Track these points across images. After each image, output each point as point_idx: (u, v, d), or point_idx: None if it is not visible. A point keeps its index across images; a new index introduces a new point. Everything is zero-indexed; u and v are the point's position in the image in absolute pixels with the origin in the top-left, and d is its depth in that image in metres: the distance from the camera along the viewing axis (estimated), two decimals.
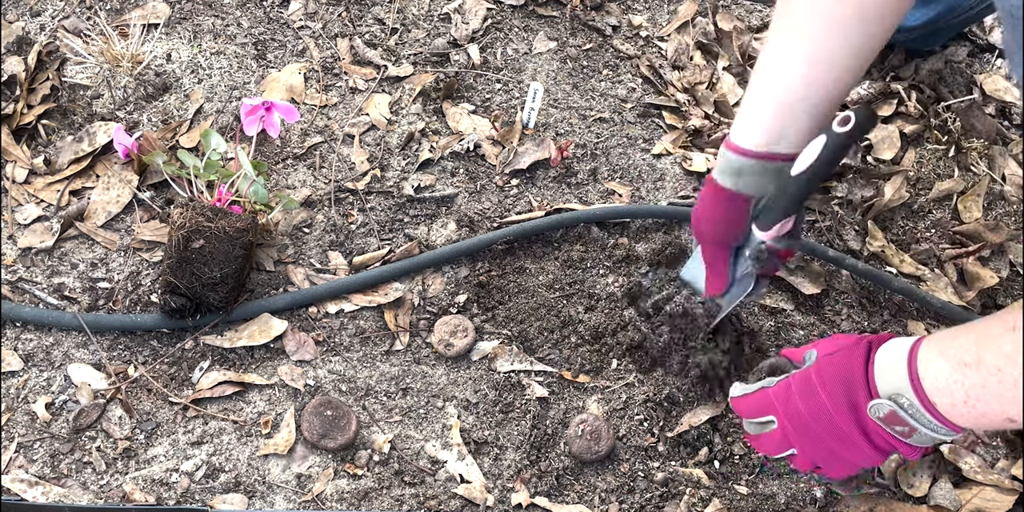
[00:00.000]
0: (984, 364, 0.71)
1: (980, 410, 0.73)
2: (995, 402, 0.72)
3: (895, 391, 0.78)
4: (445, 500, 1.12)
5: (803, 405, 0.85)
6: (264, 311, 1.20)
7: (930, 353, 0.77)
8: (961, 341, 0.74)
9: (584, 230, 1.30)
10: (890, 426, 0.80)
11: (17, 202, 1.27)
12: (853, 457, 0.85)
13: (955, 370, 0.73)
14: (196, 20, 1.44)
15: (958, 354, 0.73)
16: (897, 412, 0.78)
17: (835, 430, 0.84)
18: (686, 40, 1.53)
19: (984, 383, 0.71)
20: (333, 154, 1.34)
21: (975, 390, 0.72)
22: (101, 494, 1.09)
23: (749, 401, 0.93)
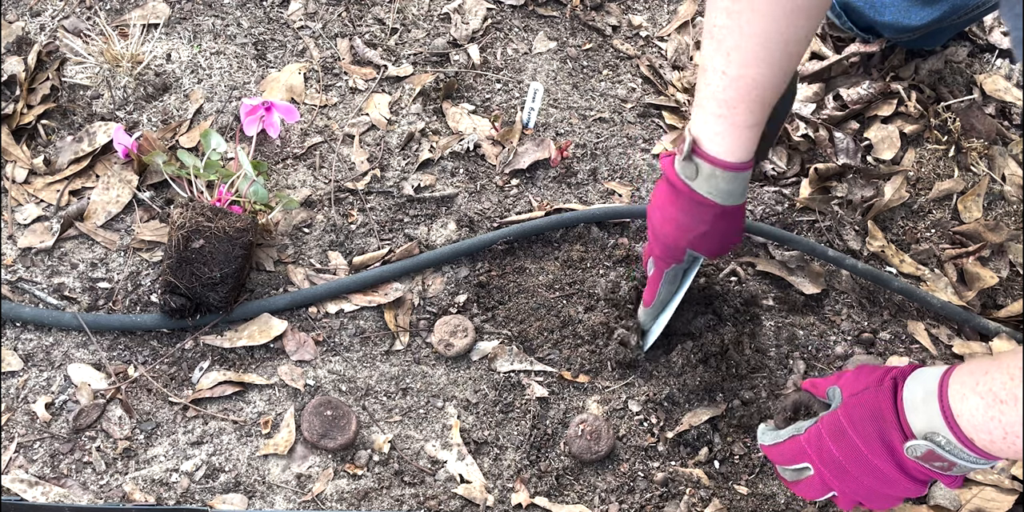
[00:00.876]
0: (1021, 401, 0.70)
1: (1019, 445, 0.72)
2: None
3: (930, 430, 0.77)
4: (445, 500, 1.12)
5: (837, 450, 0.85)
6: (264, 311, 1.20)
7: (963, 388, 0.75)
8: (994, 376, 0.73)
9: (584, 230, 1.30)
10: (929, 463, 0.79)
11: (17, 202, 1.27)
12: (894, 492, 0.85)
13: (991, 407, 0.72)
14: (196, 20, 1.44)
15: (992, 390, 0.72)
16: (935, 450, 0.77)
17: (874, 471, 0.83)
18: (686, 40, 1.53)
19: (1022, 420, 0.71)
20: (333, 154, 1.34)
21: (1013, 426, 0.71)
22: (101, 494, 1.09)
23: (782, 449, 0.92)
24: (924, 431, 0.78)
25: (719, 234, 1.00)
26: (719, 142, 0.94)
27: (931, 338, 1.28)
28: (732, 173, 0.94)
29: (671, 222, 1.00)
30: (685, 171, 0.97)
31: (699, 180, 0.96)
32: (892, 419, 0.80)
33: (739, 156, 0.94)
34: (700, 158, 0.95)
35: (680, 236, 1.00)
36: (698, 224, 0.99)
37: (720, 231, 1.00)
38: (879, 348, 1.26)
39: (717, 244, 1.02)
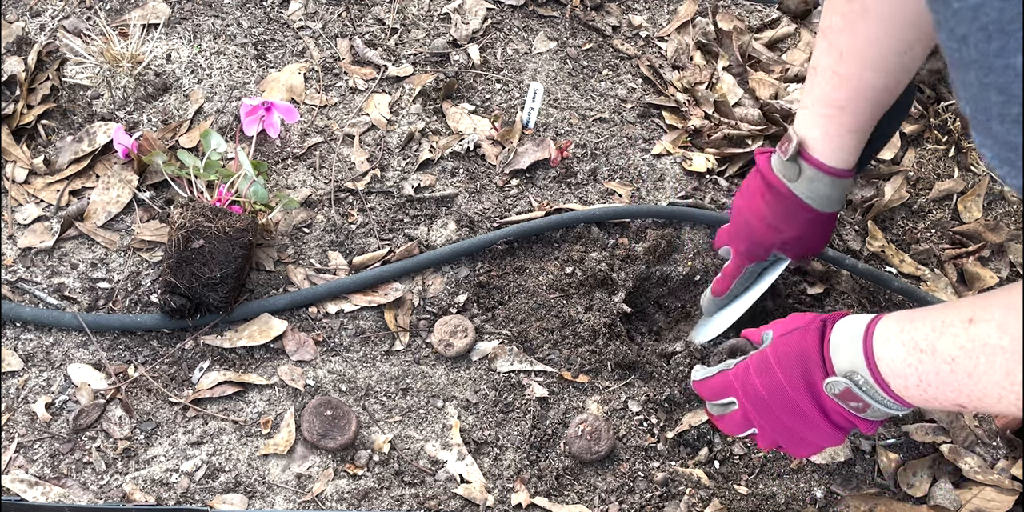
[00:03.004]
0: (939, 353, 0.72)
1: (931, 394, 0.75)
2: (947, 389, 0.74)
3: (850, 369, 0.80)
4: (445, 500, 1.12)
5: (761, 384, 0.87)
6: (264, 311, 1.20)
7: (887, 333, 0.78)
8: (918, 326, 0.75)
9: (584, 230, 1.30)
10: (845, 402, 0.82)
11: (17, 202, 1.27)
12: (812, 435, 0.87)
13: (910, 355, 0.75)
14: (196, 20, 1.44)
15: (915, 339, 0.75)
16: (852, 389, 0.80)
17: (793, 407, 0.85)
18: (686, 40, 1.53)
19: (938, 370, 0.73)
20: (333, 154, 1.34)
21: (928, 376, 0.74)
22: (101, 494, 1.09)
23: (711, 384, 0.95)
24: (845, 370, 0.80)
25: (810, 239, 0.99)
26: (825, 145, 0.93)
27: None
28: (834, 178, 0.93)
29: (762, 221, 0.99)
30: (786, 172, 0.96)
31: (799, 182, 0.95)
32: (816, 357, 0.83)
33: (843, 161, 0.93)
34: (804, 160, 0.94)
35: (770, 236, 1.00)
36: (791, 227, 0.98)
37: (811, 236, 0.99)
38: None
39: (805, 248, 1.01)
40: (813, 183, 0.95)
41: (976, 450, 1.19)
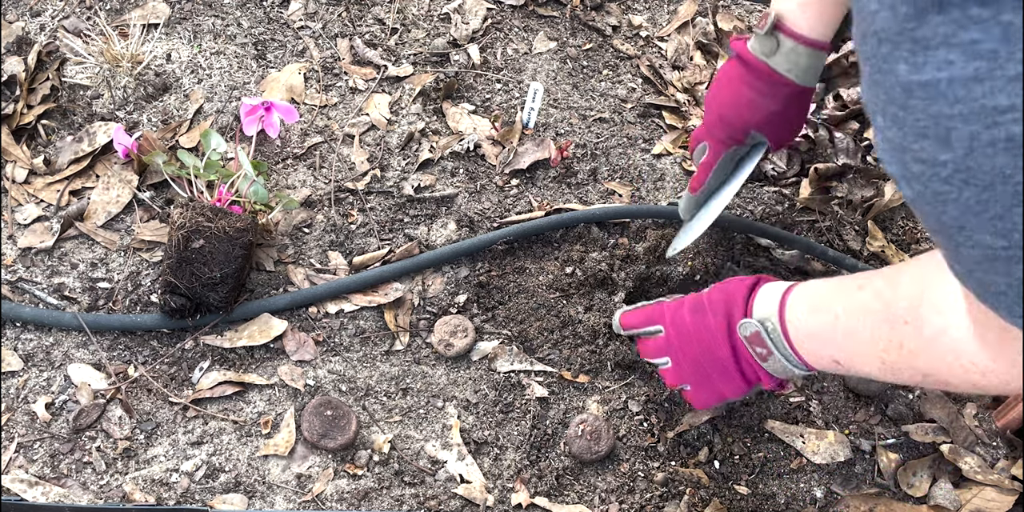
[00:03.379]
0: (830, 311, 0.83)
1: (816, 347, 0.86)
2: (829, 345, 0.84)
3: (765, 316, 0.90)
4: (445, 500, 1.12)
5: (689, 317, 0.97)
6: (264, 311, 1.20)
7: (802, 293, 0.89)
8: (822, 288, 0.87)
9: (584, 230, 1.30)
10: (752, 346, 0.91)
11: (17, 202, 1.27)
12: (718, 376, 0.96)
13: (809, 311, 0.86)
14: (196, 20, 1.44)
15: (815, 298, 0.86)
16: (761, 333, 0.90)
17: (709, 343, 0.95)
18: (686, 40, 1.53)
19: (825, 326, 0.84)
20: (333, 154, 1.34)
21: (818, 330, 0.85)
22: (101, 494, 1.09)
23: (644, 311, 1.05)
24: (760, 317, 0.91)
25: (789, 116, 1.01)
26: (802, 16, 0.95)
27: None
28: (812, 49, 0.95)
29: (741, 99, 1.01)
30: (763, 48, 0.97)
31: (778, 56, 0.97)
32: (741, 303, 0.93)
33: (821, 33, 0.95)
34: (782, 33, 0.96)
35: (750, 115, 1.01)
36: (770, 102, 0.99)
37: (790, 113, 1.00)
38: None
39: (784, 127, 1.02)
40: (791, 55, 0.96)
41: (976, 450, 1.19)
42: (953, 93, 0.43)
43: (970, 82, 0.42)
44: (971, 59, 0.41)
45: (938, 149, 0.45)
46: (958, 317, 0.66)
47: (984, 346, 0.65)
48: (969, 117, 0.43)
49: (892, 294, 0.75)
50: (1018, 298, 0.49)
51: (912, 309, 0.72)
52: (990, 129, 0.42)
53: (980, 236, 0.47)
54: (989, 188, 0.45)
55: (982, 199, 0.45)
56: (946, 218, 0.49)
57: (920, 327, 0.71)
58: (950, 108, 0.43)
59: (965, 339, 0.66)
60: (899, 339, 0.74)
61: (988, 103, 0.42)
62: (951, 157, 0.45)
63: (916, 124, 0.46)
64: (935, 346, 0.70)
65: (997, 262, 0.48)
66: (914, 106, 0.45)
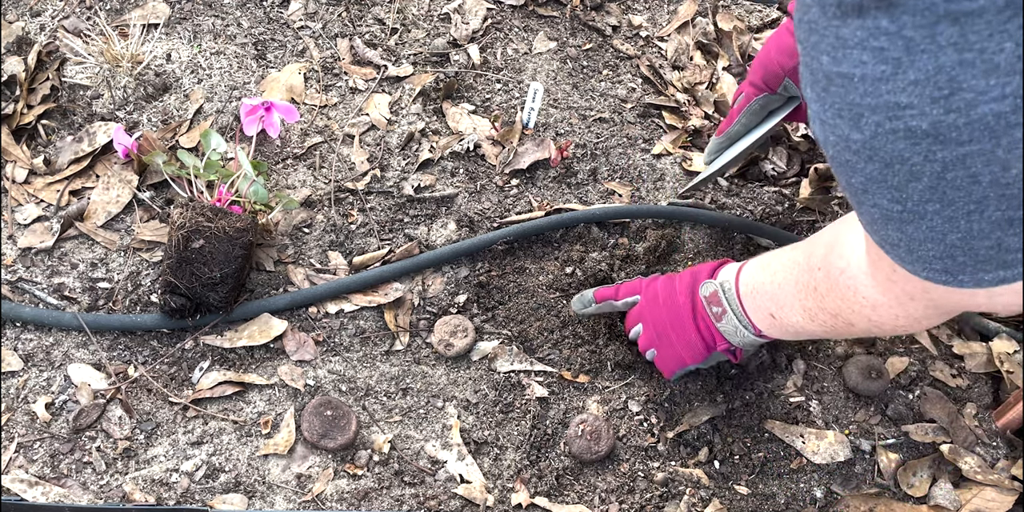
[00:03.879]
0: (768, 268, 0.95)
1: (757, 302, 0.97)
2: (766, 298, 0.95)
3: (724, 279, 1.01)
4: (445, 500, 1.12)
5: (661, 287, 1.08)
6: (264, 311, 1.20)
7: (754, 259, 1.00)
8: (770, 252, 0.98)
9: (584, 230, 1.30)
10: (710, 305, 1.02)
11: (17, 202, 1.27)
12: (678, 340, 1.05)
13: (756, 270, 0.98)
14: (196, 20, 1.44)
15: (763, 260, 0.98)
16: (718, 292, 1.01)
17: (674, 304, 1.05)
18: (686, 40, 1.53)
19: (763, 281, 0.95)
20: (333, 154, 1.34)
21: (758, 286, 0.96)
22: (101, 494, 1.09)
23: (624, 285, 1.14)
24: (720, 280, 1.02)
25: None
26: None
27: (931, 338, 1.28)
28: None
29: (780, 44, 1.06)
30: None
31: None
32: (707, 272, 1.04)
33: None
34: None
35: (785, 59, 1.05)
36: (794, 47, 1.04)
37: None
38: (879, 348, 1.26)
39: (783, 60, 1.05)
40: None
41: (976, 450, 1.19)
42: (864, 88, 0.50)
43: (878, 81, 0.49)
44: (879, 63, 0.48)
45: (850, 129, 0.53)
46: (857, 259, 0.77)
47: (876, 283, 0.75)
48: (876, 108, 0.50)
49: (812, 247, 0.87)
50: (909, 250, 0.59)
51: (824, 256, 0.83)
52: (892, 121, 0.50)
53: (880, 200, 0.57)
54: (889, 166, 0.53)
55: (884, 173, 0.54)
56: (854, 181, 0.58)
57: (828, 270, 0.82)
58: (861, 99, 0.51)
59: (860, 277, 0.77)
60: (813, 284, 0.85)
61: (892, 99, 0.49)
62: (860, 137, 0.53)
63: (834, 106, 0.53)
64: (837, 285, 0.81)
65: (891, 222, 0.58)
66: (833, 92, 0.53)
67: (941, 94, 0.47)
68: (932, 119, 0.48)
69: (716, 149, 1.19)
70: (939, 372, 1.25)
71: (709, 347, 1.05)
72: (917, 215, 0.55)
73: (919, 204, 0.54)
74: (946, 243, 0.56)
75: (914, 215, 0.55)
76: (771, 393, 1.21)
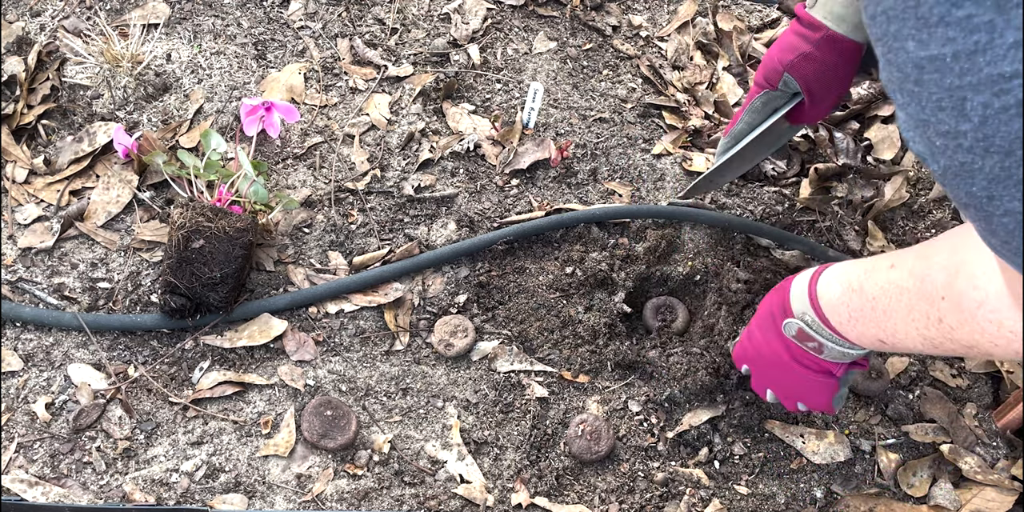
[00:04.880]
0: (864, 292, 0.84)
1: (859, 329, 0.87)
2: (870, 325, 0.85)
3: (802, 311, 0.92)
4: (445, 500, 1.12)
5: (757, 330, 1.02)
6: (264, 311, 1.20)
7: (829, 277, 0.91)
8: (853, 269, 0.87)
9: (584, 230, 1.30)
10: (803, 343, 0.93)
11: (17, 202, 1.27)
12: (790, 378, 0.98)
13: (844, 293, 0.87)
14: (196, 20, 1.44)
15: (848, 280, 0.87)
16: (804, 329, 0.92)
17: (769, 351, 0.99)
18: (686, 40, 1.53)
19: (862, 307, 0.85)
20: (333, 154, 1.34)
21: (856, 312, 0.86)
22: (101, 494, 1.09)
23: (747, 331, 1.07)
24: (798, 313, 0.93)
25: (823, 62, 1.03)
26: None
27: None
28: None
29: (782, 42, 1.07)
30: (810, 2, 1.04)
31: (817, 6, 1.03)
32: (780, 304, 0.96)
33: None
34: None
35: (784, 54, 1.05)
36: (804, 44, 1.03)
37: (824, 60, 1.03)
38: None
39: (818, 76, 1.04)
40: (827, 4, 1.02)
41: (976, 450, 1.19)
42: (959, 66, 0.44)
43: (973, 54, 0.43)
44: (970, 33, 0.43)
45: (956, 120, 0.47)
46: (995, 288, 0.67)
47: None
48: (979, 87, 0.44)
49: (926, 271, 0.75)
50: None
51: (948, 284, 0.72)
52: (1000, 97, 0.44)
53: (1010, 203, 0.48)
54: (1010, 154, 0.46)
55: (1005, 166, 0.46)
56: (975, 189, 0.49)
57: (958, 302, 0.71)
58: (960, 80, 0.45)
59: (1004, 310, 0.67)
60: (938, 315, 0.75)
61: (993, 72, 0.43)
62: (969, 127, 0.46)
63: (931, 98, 0.47)
64: (974, 319, 0.70)
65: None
66: (927, 81, 0.47)
67: None
68: None
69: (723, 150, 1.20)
70: (939, 372, 1.25)
71: (828, 374, 0.96)
72: None
73: None
74: None
75: None
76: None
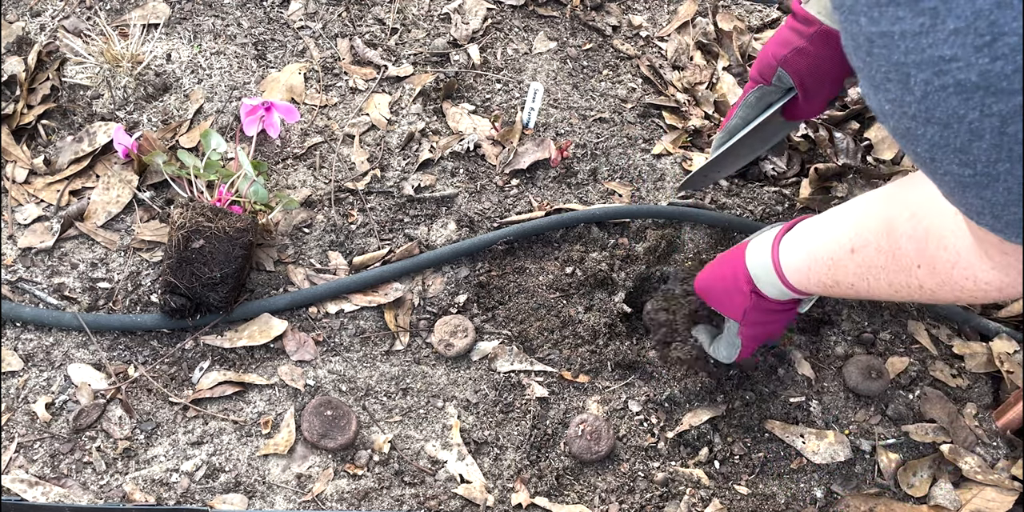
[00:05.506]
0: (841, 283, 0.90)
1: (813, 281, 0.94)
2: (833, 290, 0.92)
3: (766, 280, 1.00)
4: (445, 500, 1.12)
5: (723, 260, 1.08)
6: (264, 311, 1.20)
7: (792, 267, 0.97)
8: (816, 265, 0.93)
9: (584, 230, 1.30)
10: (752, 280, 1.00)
11: (17, 202, 1.27)
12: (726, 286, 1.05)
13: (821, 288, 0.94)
14: (196, 20, 1.44)
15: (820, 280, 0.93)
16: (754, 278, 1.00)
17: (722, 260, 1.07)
18: (686, 40, 1.53)
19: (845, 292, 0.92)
20: (333, 154, 1.34)
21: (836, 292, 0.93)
22: (101, 494, 1.09)
23: None
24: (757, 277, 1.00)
25: (816, 57, 1.05)
26: None
27: (931, 338, 1.28)
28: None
29: (777, 36, 1.09)
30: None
31: (812, 1, 1.04)
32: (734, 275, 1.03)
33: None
34: None
35: (778, 49, 1.07)
36: (797, 38, 1.05)
37: (818, 54, 1.04)
38: (879, 348, 1.26)
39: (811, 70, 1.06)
40: None
41: (976, 450, 1.19)
42: (905, 44, 0.49)
43: (917, 35, 0.48)
44: (916, 15, 0.47)
45: (901, 92, 0.52)
46: (966, 247, 0.71)
47: (995, 264, 0.69)
48: (921, 65, 0.49)
49: (895, 244, 0.80)
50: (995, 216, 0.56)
51: (920, 252, 0.77)
52: (940, 76, 0.48)
53: (949, 166, 0.54)
54: (948, 126, 0.51)
55: (944, 135, 0.52)
56: (920, 150, 0.55)
57: (934, 266, 0.76)
58: (904, 57, 0.49)
59: (976, 264, 0.71)
60: (917, 282, 0.79)
61: (935, 53, 0.47)
62: (912, 99, 0.51)
63: (880, 69, 0.52)
64: (951, 278, 0.75)
65: (968, 188, 0.55)
66: (877, 54, 0.51)
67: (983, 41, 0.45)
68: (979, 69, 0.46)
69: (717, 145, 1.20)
70: (939, 372, 1.25)
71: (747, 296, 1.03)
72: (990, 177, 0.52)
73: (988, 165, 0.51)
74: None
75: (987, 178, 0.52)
76: (771, 393, 1.21)
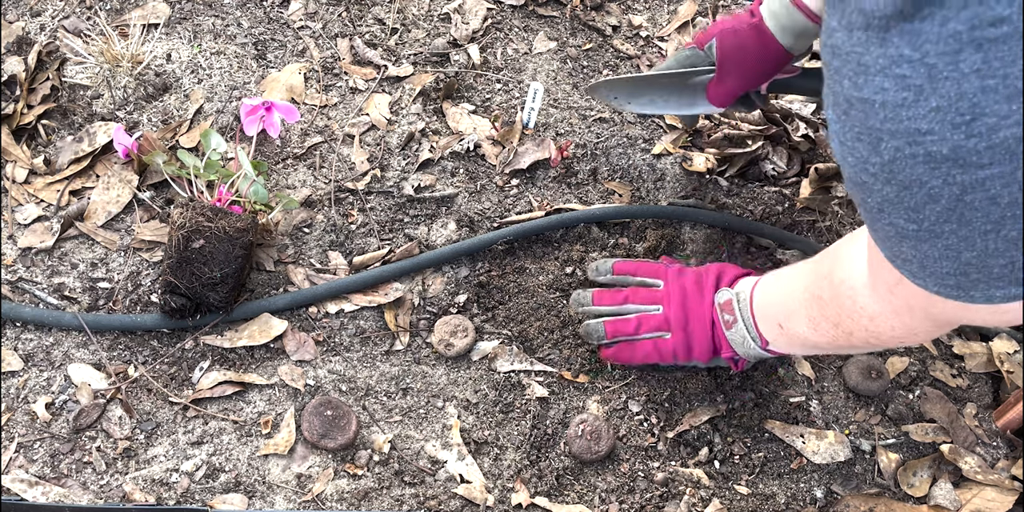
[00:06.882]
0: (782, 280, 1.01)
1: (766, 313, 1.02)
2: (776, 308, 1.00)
3: (740, 290, 1.08)
4: (445, 500, 1.12)
5: (689, 280, 1.14)
6: (264, 311, 1.20)
7: (770, 273, 1.05)
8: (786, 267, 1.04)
9: (584, 230, 1.30)
10: (723, 312, 1.08)
11: (17, 202, 1.27)
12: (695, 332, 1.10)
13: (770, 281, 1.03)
14: (196, 20, 1.44)
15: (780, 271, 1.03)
16: (732, 302, 1.07)
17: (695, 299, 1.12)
18: (686, 40, 1.53)
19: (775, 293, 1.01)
20: (333, 154, 1.34)
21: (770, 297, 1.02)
22: (101, 494, 1.09)
23: (643, 265, 1.19)
24: (737, 290, 1.08)
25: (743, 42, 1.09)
26: None
27: None
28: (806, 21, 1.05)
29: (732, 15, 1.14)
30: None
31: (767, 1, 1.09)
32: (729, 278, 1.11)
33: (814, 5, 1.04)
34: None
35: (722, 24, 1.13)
36: (739, 21, 1.11)
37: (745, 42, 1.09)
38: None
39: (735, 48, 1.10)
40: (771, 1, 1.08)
41: (976, 450, 1.19)
42: (885, 113, 0.51)
43: (899, 107, 0.50)
44: (901, 89, 0.49)
45: (869, 152, 0.54)
46: (859, 271, 0.79)
47: (874, 294, 0.77)
48: (896, 134, 0.51)
49: (823, 258, 0.91)
50: (922, 266, 0.60)
51: (830, 267, 0.87)
52: (912, 146, 0.51)
53: (896, 220, 0.57)
54: (907, 188, 0.54)
55: (901, 195, 0.55)
56: (870, 201, 0.58)
57: (831, 279, 0.85)
58: (881, 124, 0.52)
59: (860, 287, 0.80)
60: (819, 292, 0.89)
61: (912, 126, 0.50)
62: (879, 160, 0.54)
63: (853, 129, 0.54)
64: (839, 294, 0.84)
65: (906, 240, 0.59)
66: (854, 115, 0.54)
67: (963, 120, 0.48)
68: (952, 144, 0.49)
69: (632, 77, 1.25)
70: (939, 372, 1.25)
71: (716, 352, 1.11)
72: (933, 234, 0.56)
73: (936, 224, 0.55)
74: (961, 261, 0.57)
75: (930, 234, 0.56)
76: (771, 393, 1.21)
